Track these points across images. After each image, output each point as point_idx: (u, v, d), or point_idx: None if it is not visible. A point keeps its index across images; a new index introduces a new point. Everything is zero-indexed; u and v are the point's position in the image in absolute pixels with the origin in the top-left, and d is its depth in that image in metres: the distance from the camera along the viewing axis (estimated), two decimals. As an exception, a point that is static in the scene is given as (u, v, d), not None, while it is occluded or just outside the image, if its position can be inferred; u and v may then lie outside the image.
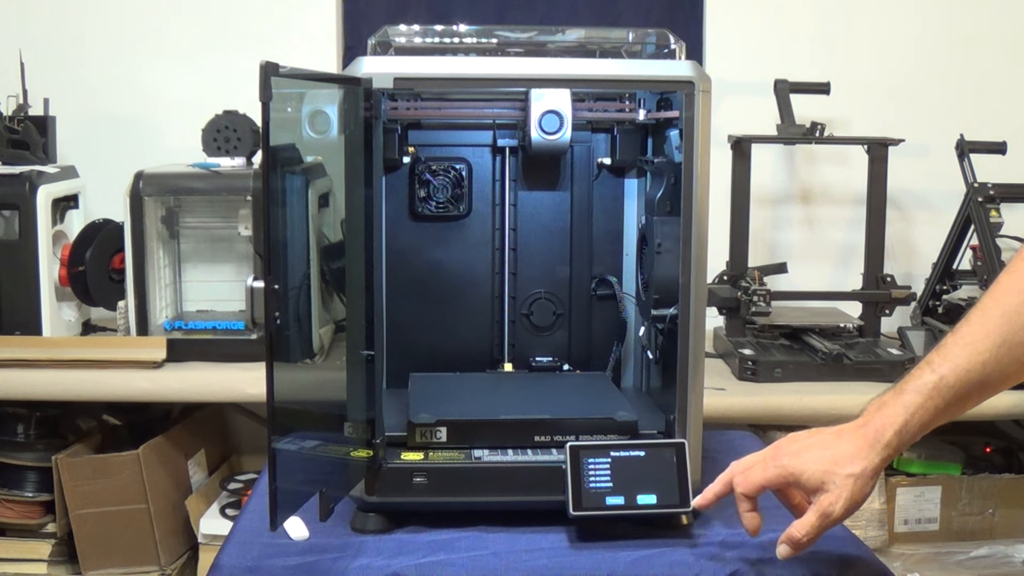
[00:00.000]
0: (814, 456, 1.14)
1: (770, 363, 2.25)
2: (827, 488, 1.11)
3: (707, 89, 1.33)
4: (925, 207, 2.81)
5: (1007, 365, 1.12)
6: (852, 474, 1.11)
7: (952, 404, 1.12)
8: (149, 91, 2.77)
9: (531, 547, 1.28)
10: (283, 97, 1.16)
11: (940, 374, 1.12)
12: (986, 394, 1.14)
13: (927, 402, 1.12)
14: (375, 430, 1.31)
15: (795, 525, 1.14)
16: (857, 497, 1.12)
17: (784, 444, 1.18)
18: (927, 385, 1.12)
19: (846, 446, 1.13)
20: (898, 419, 1.12)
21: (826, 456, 1.13)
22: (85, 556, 2.28)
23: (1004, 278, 1.15)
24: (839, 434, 1.15)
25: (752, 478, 1.17)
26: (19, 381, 2.19)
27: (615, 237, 1.60)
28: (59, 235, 2.41)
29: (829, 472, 1.12)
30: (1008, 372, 1.12)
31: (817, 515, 1.12)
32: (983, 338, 1.12)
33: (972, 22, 2.80)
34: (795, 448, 1.16)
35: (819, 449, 1.14)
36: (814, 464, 1.13)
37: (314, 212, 1.67)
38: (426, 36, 1.56)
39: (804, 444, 1.16)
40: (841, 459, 1.12)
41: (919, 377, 1.13)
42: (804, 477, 1.13)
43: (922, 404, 1.12)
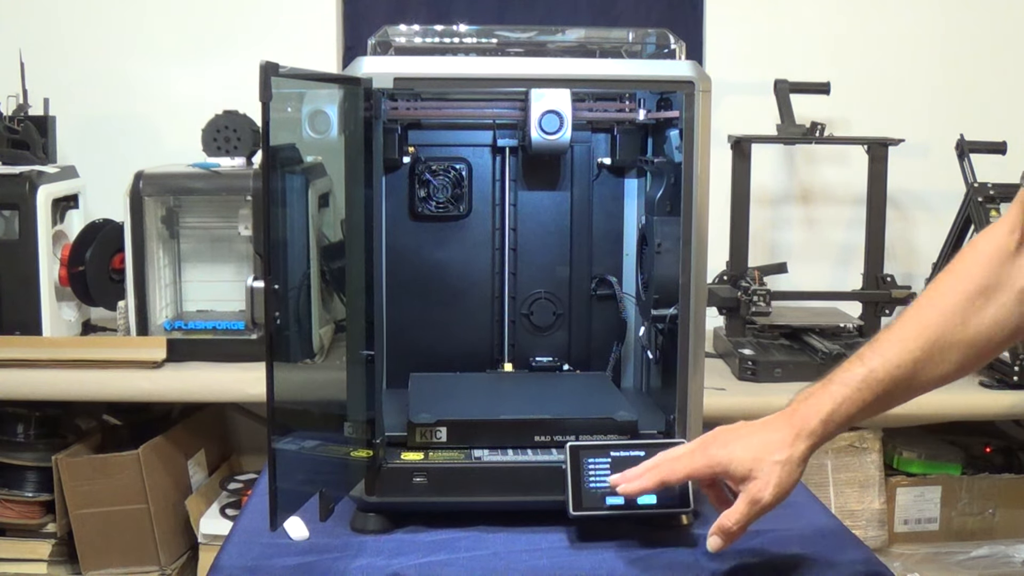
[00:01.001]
0: (741, 445, 1.15)
1: (770, 363, 2.25)
2: (755, 475, 1.13)
3: (707, 89, 1.33)
4: (925, 207, 2.81)
5: (938, 364, 1.13)
6: (779, 461, 1.12)
7: (880, 398, 1.14)
8: (149, 91, 2.77)
9: (531, 547, 1.28)
10: (283, 97, 1.16)
11: (870, 367, 1.13)
12: (915, 392, 1.16)
13: (854, 394, 1.13)
14: (375, 430, 1.31)
15: (725, 515, 1.15)
16: (785, 483, 1.13)
17: (711, 436, 1.19)
18: (856, 377, 1.14)
19: (773, 434, 1.14)
20: (824, 408, 1.14)
21: (754, 444, 1.14)
22: (85, 556, 2.28)
23: (943, 277, 1.16)
24: (765, 424, 1.16)
25: (678, 467, 1.18)
26: (19, 381, 2.19)
27: (615, 237, 1.60)
28: (59, 235, 2.41)
29: (757, 459, 1.13)
30: (939, 372, 1.14)
31: (746, 502, 1.13)
32: (916, 336, 1.13)
33: (972, 22, 2.80)
34: (723, 439, 1.18)
35: (746, 438, 1.16)
36: (742, 453, 1.14)
37: (314, 212, 1.67)
38: (426, 36, 1.56)
39: (732, 435, 1.18)
40: (768, 446, 1.13)
41: (849, 369, 1.15)
42: (732, 466, 1.14)
43: (849, 396, 1.13)
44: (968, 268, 1.15)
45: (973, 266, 1.15)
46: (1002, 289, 1.13)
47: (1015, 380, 2.19)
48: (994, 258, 1.14)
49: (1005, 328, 1.13)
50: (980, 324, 1.13)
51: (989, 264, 1.14)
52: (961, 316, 1.13)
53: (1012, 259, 1.13)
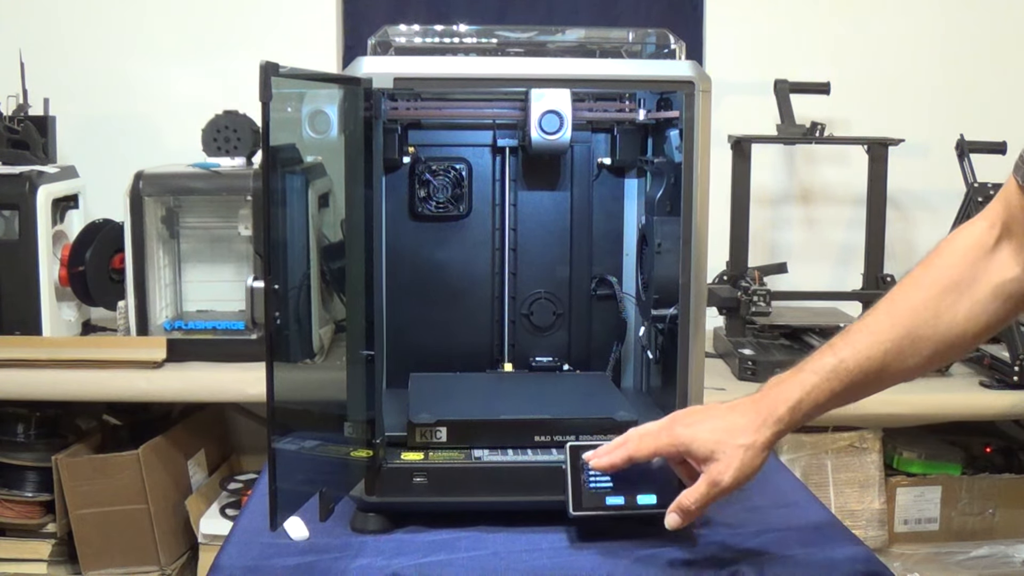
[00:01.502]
0: (707, 427, 1.16)
1: (770, 363, 2.25)
2: (717, 457, 1.13)
3: (707, 89, 1.33)
4: (925, 207, 2.81)
5: (908, 357, 1.13)
6: (743, 445, 1.13)
7: (849, 389, 1.14)
8: (149, 91, 2.77)
9: (531, 547, 1.28)
10: (283, 97, 1.16)
11: (840, 358, 1.14)
12: (884, 383, 1.16)
13: (823, 383, 1.14)
14: (375, 430, 1.31)
15: (684, 493, 1.16)
16: (747, 468, 1.13)
17: (680, 415, 1.20)
18: (826, 367, 1.14)
19: (739, 418, 1.15)
20: (793, 396, 1.14)
21: (718, 427, 1.15)
22: (85, 556, 2.28)
23: (918, 271, 1.16)
24: (733, 407, 1.17)
25: (645, 443, 1.19)
26: (19, 381, 2.19)
27: (615, 237, 1.60)
28: (59, 235, 2.41)
29: (720, 442, 1.13)
30: (909, 364, 1.14)
31: (707, 483, 1.14)
32: (888, 328, 1.13)
33: (972, 23, 2.80)
34: (690, 420, 1.18)
35: (712, 420, 1.16)
36: (706, 434, 1.15)
37: (314, 212, 1.67)
38: (426, 36, 1.56)
39: (699, 416, 1.18)
40: (733, 430, 1.14)
41: (819, 359, 1.15)
42: (695, 446, 1.15)
43: (818, 384, 1.14)
44: (944, 262, 1.15)
45: (949, 260, 1.15)
46: (977, 284, 1.12)
47: (1015, 380, 2.20)
48: (971, 253, 1.14)
49: (978, 323, 1.13)
50: (953, 319, 1.12)
51: (965, 259, 1.14)
52: (934, 310, 1.13)
53: (989, 255, 1.13)
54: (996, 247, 1.13)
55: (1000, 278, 1.12)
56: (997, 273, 1.12)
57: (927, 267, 1.16)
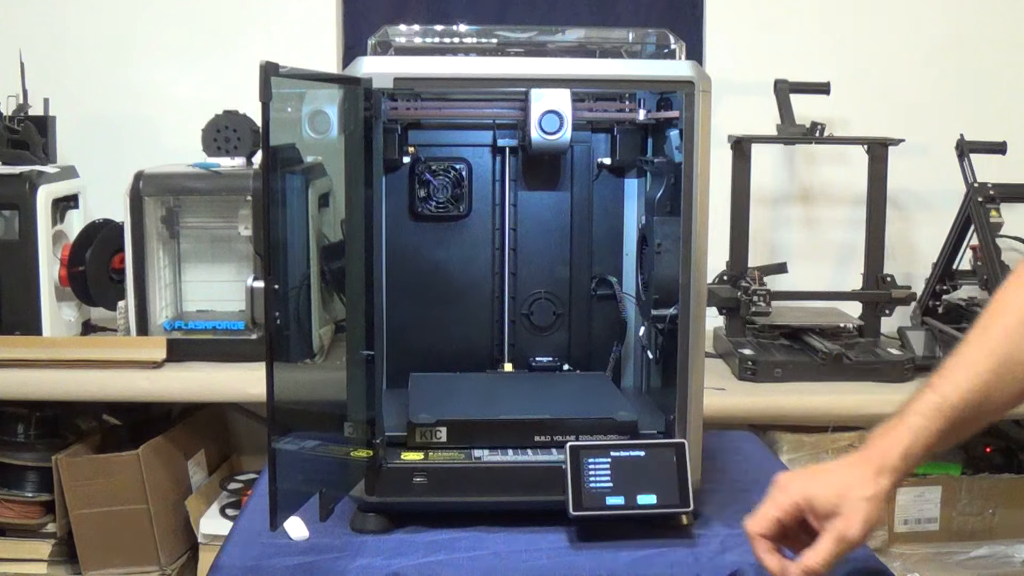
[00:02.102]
0: (824, 483, 1.12)
1: (770, 363, 2.25)
2: (841, 512, 1.09)
3: (707, 89, 1.33)
4: (925, 207, 2.81)
5: (1009, 384, 1.10)
6: (865, 497, 1.09)
7: (957, 426, 1.11)
8: (149, 91, 2.77)
9: (531, 547, 1.28)
10: (283, 97, 1.16)
11: (942, 395, 1.11)
12: (989, 415, 1.13)
13: (931, 424, 1.10)
14: (375, 430, 1.31)
15: (808, 555, 1.09)
16: (873, 520, 1.09)
17: (787, 477, 1.16)
18: (930, 407, 1.11)
19: (854, 472, 1.11)
20: (903, 442, 1.10)
21: (836, 481, 1.11)
22: (85, 556, 2.28)
23: (1002, 295, 1.14)
24: (843, 463, 1.13)
25: (765, 513, 1.14)
26: (19, 381, 2.19)
27: (615, 237, 1.60)
28: (59, 235, 2.41)
29: (842, 496, 1.09)
30: (1011, 391, 1.11)
31: (833, 540, 1.09)
32: (984, 358, 1.11)
33: (972, 22, 2.80)
34: (802, 478, 1.14)
35: (827, 476, 1.12)
36: (825, 490, 1.10)
37: (314, 212, 1.67)
38: (426, 36, 1.56)
39: (810, 474, 1.15)
40: (852, 484, 1.10)
41: (922, 400, 1.12)
42: (817, 502, 1.10)
43: (926, 427, 1.10)
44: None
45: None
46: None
47: (1015, 380, 2.19)
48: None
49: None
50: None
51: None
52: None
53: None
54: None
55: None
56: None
57: (1012, 290, 1.13)
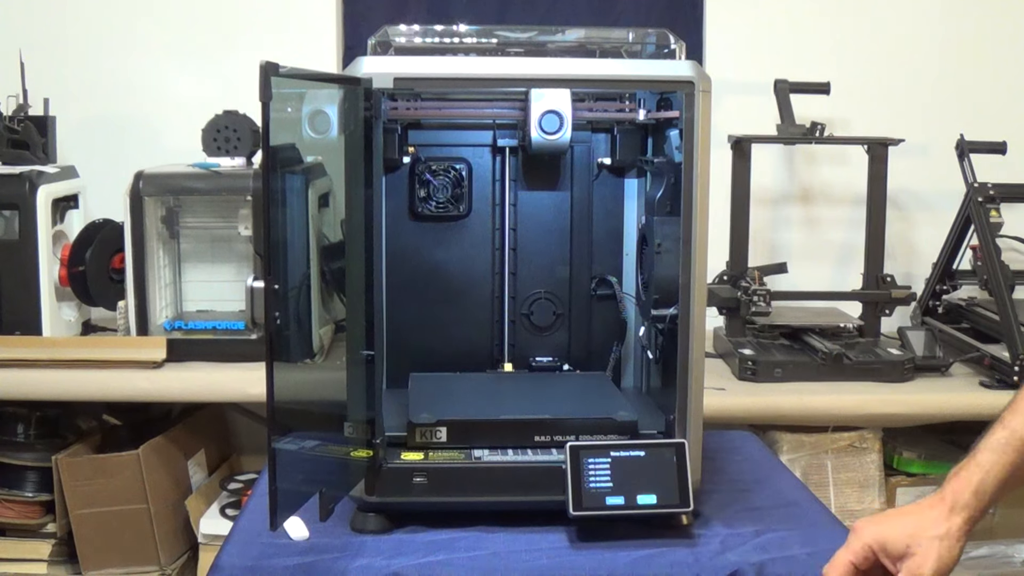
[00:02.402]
0: (897, 524, 1.13)
1: (770, 363, 2.25)
2: (913, 552, 1.10)
3: (707, 89, 1.33)
4: (925, 207, 2.81)
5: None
6: (937, 535, 1.09)
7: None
8: (149, 91, 2.77)
9: (531, 547, 1.28)
10: (283, 97, 1.16)
11: (1011, 429, 1.11)
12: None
13: (1001, 458, 1.11)
14: (375, 430, 1.31)
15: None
16: (945, 559, 1.09)
17: (864, 521, 1.17)
18: (999, 441, 1.12)
19: (927, 512, 1.12)
20: (974, 479, 1.11)
21: (909, 522, 1.12)
22: (85, 556, 2.28)
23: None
24: (918, 505, 1.14)
25: (840, 559, 1.14)
26: (19, 381, 2.19)
27: (615, 237, 1.60)
28: (59, 235, 2.41)
29: (914, 535, 1.10)
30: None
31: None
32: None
33: (972, 22, 2.80)
34: (874, 521, 1.15)
35: (901, 518, 1.14)
36: (897, 531, 1.12)
37: (314, 212, 1.67)
38: (426, 36, 1.56)
39: (882, 517, 1.16)
40: (924, 524, 1.11)
41: (991, 435, 1.13)
42: (889, 543, 1.11)
43: (997, 461, 1.11)
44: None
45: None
46: None
47: (1015, 380, 2.19)
48: None
49: None
50: None
51: None
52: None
53: None
54: None
55: None
56: None
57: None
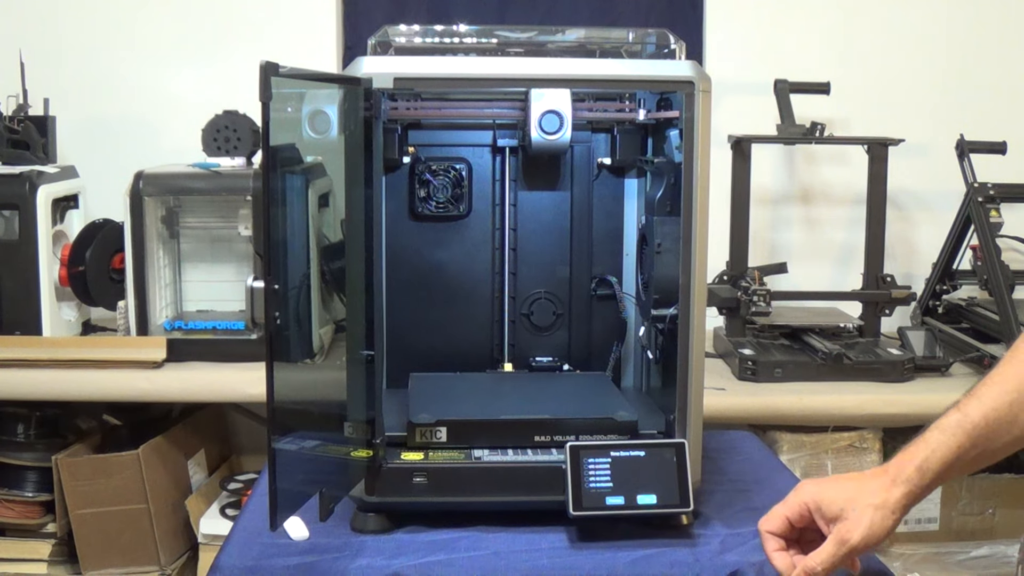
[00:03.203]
0: (836, 487, 1.14)
1: (770, 363, 2.25)
2: (846, 516, 1.11)
3: (707, 89, 1.33)
4: (925, 207, 2.81)
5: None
6: (872, 504, 1.11)
7: (977, 443, 1.11)
8: (149, 91, 2.77)
9: (531, 547, 1.28)
10: (283, 97, 1.16)
11: (964, 412, 1.12)
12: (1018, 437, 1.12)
13: (949, 439, 1.11)
14: (375, 430, 1.31)
15: (811, 555, 1.13)
16: (877, 528, 1.11)
17: (806, 481, 1.19)
18: (951, 423, 1.12)
19: (869, 481, 1.13)
20: (919, 455, 1.12)
21: (848, 487, 1.14)
22: (85, 556, 2.28)
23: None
24: (862, 473, 1.16)
25: (775, 512, 1.17)
26: (19, 381, 2.19)
27: (615, 237, 1.60)
28: (59, 235, 2.41)
29: (851, 500, 1.12)
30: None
31: (835, 542, 1.11)
32: (1012, 377, 1.12)
33: (972, 22, 2.80)
34: (817, 482, 1.17)
35: (842, 483, 1.15)
36: (835, 493, 1.13)
37: (314, 212, 1.67)
38: (426, 36, 1.56)
39: (829, 480, 1.17)
40: (863, 491, 1.12)
41: (945, 417, 1.13)
42: (824, 504, 1.13)
43: (944, 441, 1.11)
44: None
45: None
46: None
47: (1015, 380, 2.19)
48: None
49: None
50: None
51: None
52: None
53: None
54: None
55: None
56: None
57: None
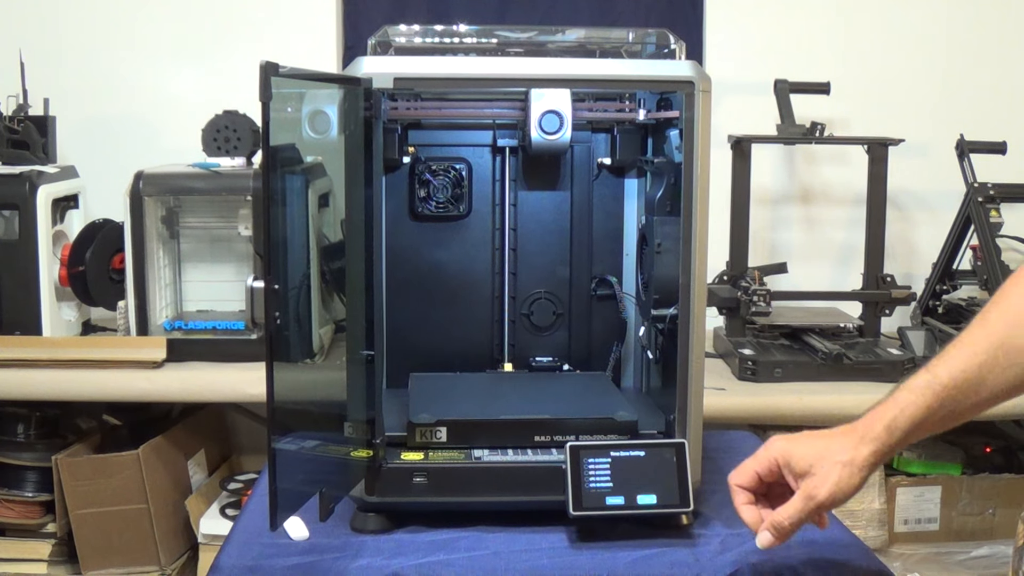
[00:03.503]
0: (806, 444, 1.16)
1: (770, 363, 2.25)
2: (814, 472, 1.13)
3: (707, 89, 1.33)
4: (925, 207, 2.81)
5: (1005, 368, 1.12)
6: (840, 461, 1.12)
7: (945, 403, 1.12)
8: (149, 91, 2.77)
9: (531, 547, 1.28)
10: (283, 97, 1.16)
11: (934, 373, 1.13)
12: (985, 399, 1.14)
13: (918, 399, 1.13)
14: (375, 430, 1.31)
15: (778, 510, 1.15)
16: (844, 485, 1.12)
17: (776, 437, 1.20)
18: (919, 384, 1.13)
19: (837, 439, 1.15)
20: (888, 414, 1.13)
21: (818, 444, 1.15)
22: (85, 556, 2.28)
23: (1009, 285, 1.15)
24: (832, 430, 1.17)
25: (745, 467, 1.19)
26: (19, 381, 2.19)
27: (615, 237, 1.60)
28: (59, 235, 2.41)
29: (819, 457, 1.13)
30: (1006, 376, 1.12)
31: (802, 498, 1.13)
32: (981, 340, 1.12)
33: (972, 23, 2.80)
34: (787, 438, 1.18)
35: (811, 440, 1.17)
36: (804, 449, 1.15)
37: (314, 212, 1.67)
38: (426, 36, 1.56)
39: (799, 437, 1.18)
40: (832, 448, 1.14)
41: (914, 378, 1.15)
42: (793, 460, 1.15)
43: (913, 401, 1.13)
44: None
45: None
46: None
47: (1015, 380, 2.19)
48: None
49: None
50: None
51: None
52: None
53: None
54: None
55: None
56: None
57: (1017, 281, 1.14)
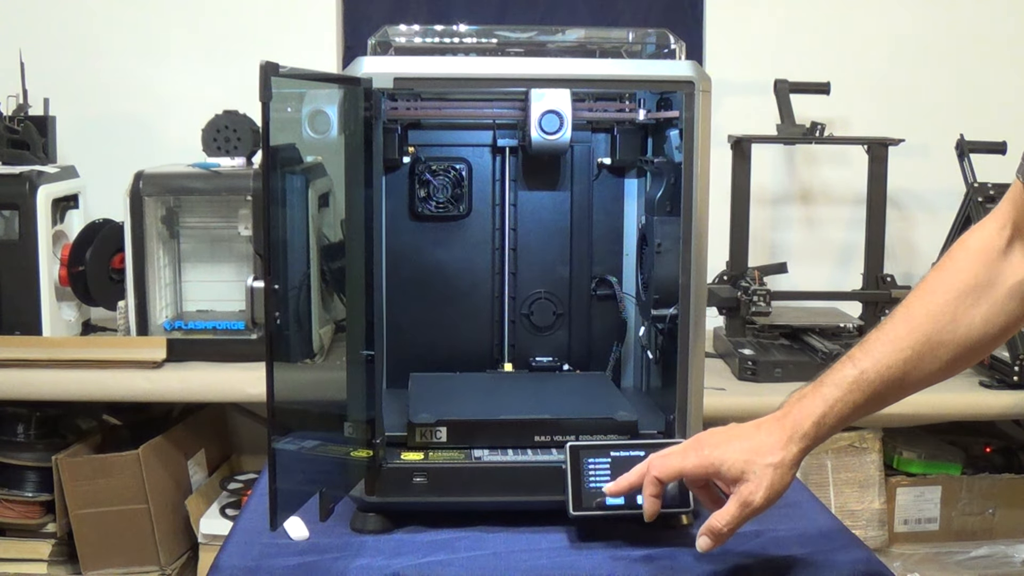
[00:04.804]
0: (735, 447, 1.15)
1: (770, 363, 2.25)
2: (747, 477, 1.13)
3: (707, 89, 1.33)
4: (925, 207, 2.81)
5: (928, 363, 1.13)
6: (771, 464, 1.12)
7: (871, 399, 1.14)
8: (149, 91, 2.77)
9: (531, 547, 1.28)
10: (283, 97, 1.16)
11: (861, 369, 1.14)
12: (906, 391, 1.15)
13: (846, 396, 1.13)
14: (375, 430, 1.31)
15: (715, 515, 1.15)
16: (777, 486, 1.12)
17: (704, 436, 1.19)
18: (847, 379, 1.14)
19: (765, 437, 1.14)
20: (816, 411, 1.14)
21: (746, 447, 1.14)
22: (85, 556, 2.28)
23: (932, 276, 1.16)
24: (758, 426, 1.16)
25: (669, 463, 1.18)
26: (19, 381, 2.19)
27: (615, 237, 1.60)
28: (59, 235, 2.42)
29: (750, 462, 1.13)
30: (929, 371, 1.14)
31: (738, 504, 1.13)
32: (906, 335, 1.13)
33: (972, 22, 2.80)
34: (715, 440, 1.17)
35: (739, 440, 1.16)
36: (735, 454, 1.14)
37: (314, 212, 1.67)
38: (426, 36, 1.56)
39: (725, 436, 1.18)
40: (761, 449, 1.13)
41: (840, 371, 1.15)
42: (725, 467, 1.14)
43: (841, 398, 1.13)
44: (958, 266, 1.15)
45: (963, 264, 1.15)
46: (993, 287, 1.13)
47: (1015, 380, 2.20)
48: (984, 256, 1.14)
49: (996, 325, 1.13)
50: (971, 322, 1.12)
51: (979, 261, 1.14)
52: (951, 315, 1.12)
53: (1002, 256, 1.14)
54: (1008, 248, 1.13)
55: (1015, 279, 1.12)
56: (1012, 274, 1.13)
57: (941, 271, 1.16)
